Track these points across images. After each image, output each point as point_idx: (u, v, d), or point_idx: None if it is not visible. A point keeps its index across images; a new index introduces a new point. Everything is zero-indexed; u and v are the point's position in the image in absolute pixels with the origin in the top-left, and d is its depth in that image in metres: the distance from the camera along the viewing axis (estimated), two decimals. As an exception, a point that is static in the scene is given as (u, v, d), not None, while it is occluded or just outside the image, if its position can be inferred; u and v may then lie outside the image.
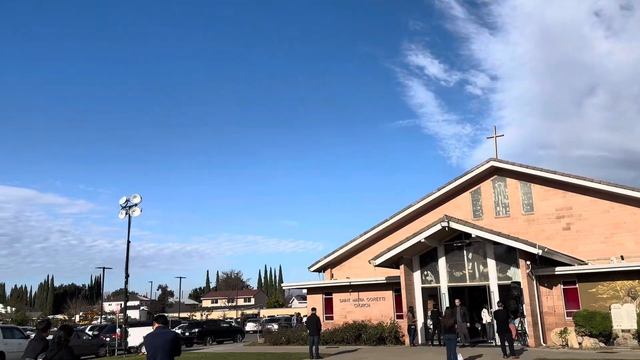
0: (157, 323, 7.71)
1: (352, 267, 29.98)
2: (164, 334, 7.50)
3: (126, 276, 27.25)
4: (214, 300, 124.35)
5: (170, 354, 7.38)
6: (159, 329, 7.60)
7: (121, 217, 27.00)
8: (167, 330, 7.67)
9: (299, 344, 25.77)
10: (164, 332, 7.53)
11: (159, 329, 7.58)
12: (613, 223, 23.71)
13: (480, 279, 22.36)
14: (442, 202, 27.96)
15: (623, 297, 20.01)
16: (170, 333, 7.63)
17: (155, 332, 7.56)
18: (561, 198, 25.09)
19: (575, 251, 23.79)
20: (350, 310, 26.64)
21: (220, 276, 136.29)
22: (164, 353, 7.32)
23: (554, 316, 21.23)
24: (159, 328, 7.60)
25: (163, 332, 7.53)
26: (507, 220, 26.01)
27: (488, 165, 26.57)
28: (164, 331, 7.56)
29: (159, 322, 7.73)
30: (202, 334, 33.99)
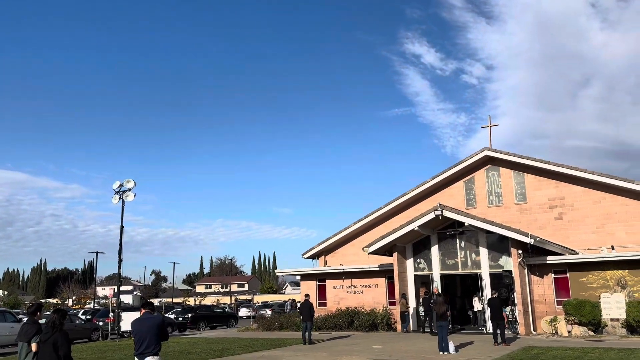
0: (144, 309, 7.79)
1: (346, 255, 30.14)
2: (150, 319, 7.57)
3: (119, 261, 27.29)
4: (208, 285, 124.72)
5: (157, 339, 7.46)
6: (146, 314, 7.67)
7: (115, 202, 26.97)
8: (154, 315, 7.74)
9: (292, 329, 25.96)
10: (150, 317, 7.60)
11: (145, 314, 7.66)
12: (604, 213, 23.91)
13: (473, 267, 22.54)
14: (436, 191, 28.06)
15: (613, 286, 20.25)
16: (156, 318, 7.69)
17: (142, 318, 7.63)
18: (554, 188, 25.24)
19: (567, 241, 23.99)
20: (343, 296, 26.83)
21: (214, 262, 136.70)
22: (151, 338, 7.39)
23: (544, 305, 21.46)
24: (146, 313, 7.68)
25: (149, 317, 7.59)
26: (500, 210, 26.17)
27: (482, 154, 26.65)
28: (150, 316, 7.63)
29: (146, 307, 7.82)
30: (195, 319, 34.14)
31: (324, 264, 30.72)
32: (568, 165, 24.81)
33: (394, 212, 28.94)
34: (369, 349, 17.06)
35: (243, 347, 18.94)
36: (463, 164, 27.17)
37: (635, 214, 23.22)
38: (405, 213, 28.09)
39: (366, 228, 29.69)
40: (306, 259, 31.63)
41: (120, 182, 27.05)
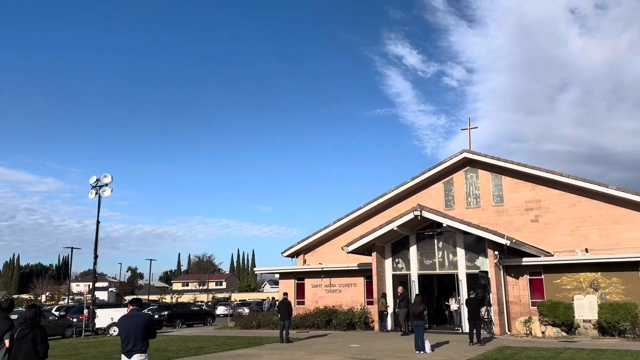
0: (132, 306, 7.68)
1: (325, 254, 30.18)
2: (138, 316, 7.47)
3: (95, 257, 26.89)
4: (185, 283, 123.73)
5: (144, 337, 7.35)
6: (134, 311, 7.57)
7: (91, 197, 26.57)
8: (142, 313, 7.64)
9: (269, 328, 25.90)
10: (138, 315, 7.50)
11: (133, 312, 7.55)
12: (579, 216, 24.37)
13: (450, 268, 22.76)
14: (415, 192, 28.28)
15: (586, 288, 20.65)
16: (144, 315, 7.60)
17: (129, 315, 7.52)
18: (530, 191, 25.64)
19: (542, 243, 24.40)
20: (321, 295, 26.86)
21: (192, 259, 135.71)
22: (138, 335, 7.29)
23: (519, 305, 21.79)
24: (134, 310, 7.57)
25: (137, 315, 7.49)
26: (477, 211, 26.49)
27: (461, 156, 26.94)
28: (138, 314, 7.53)
29: (134, 304, 7.71)
30: (171, 317, 33.82)
31: (303, 262, 30.72)
32: (545, 169, 25.22)
33: (374, 212, 29.09)
34: (346, 347, 17.11)
35: (220, 345, 18.83)
36: (442, 166, 27.43)
37: (608, 218, 23.73)
38: (384, 213, 28.26)
39: (346, 227, 29.78)
40: (285, 258, 31.61)
41: (97, 177, 26.64)
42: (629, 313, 18.76)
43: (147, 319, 7.50)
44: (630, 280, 19.90)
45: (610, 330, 19.16)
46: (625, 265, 20.04)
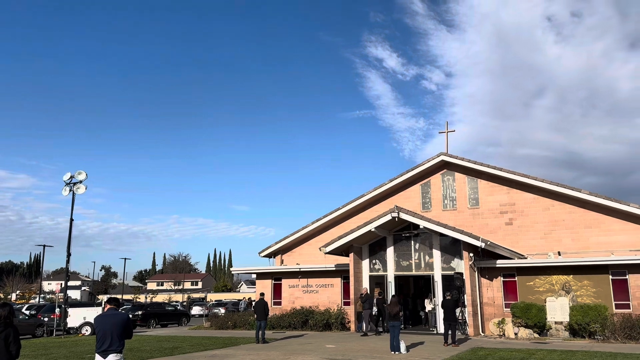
0: (109, 305, 7.56)
1: (303, 254, 30.18)
2: (114, 315, 7.35)
3: (68, 255, 26.39)
4: (160, 283, 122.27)
5: (120, 337, 7.24)
6: (110, 310, 7.45)
7: (65, 194, 26.09)
8: (119, 312, 7.52)
9: (245, 328, 25.78)
10: (114, 314, 7.38)
11: (110, 311, 7.43)
12: (552, 220, 24.85)
13: (426, 269, 22.97)
14: (393, 193, 28.48)
15: (558, 290, 21.05)
16: (121, 315, 7.48)
17: (106, 314, 7.40)
18: (505, 194, 26.05)
19: (516, 245, 24.80)
20: (298, 296, 26.83)
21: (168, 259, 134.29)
22: (114, 335, 7.18)
23: (493, 307, 22.10)
24: (110, 310, 7.45)
25: (114, 314, 7.38)
26: (454, 213, 26.80)
27: (438, 159, 27.22)
28: (114, 313, 7.41)
29: (111, 304, 7.59)
30: (145, 316, 33.39)
31: (281, 262, 30.66)
32: (520, 173, 25.65)
33: (352, 213, 29.20)
34: (322, 348, 17.12)
35: (194, 345, 18.66)
36: (420, 168, 27.68)
37: (581, 222, 24.25)
38: (363, 214, 28.40)
39: (324, 228, 29.83)
40: (263, 258, 31.52)
41: (72, 174, 26.18)
42: (599, 315, 19.18)
43: (124, 319, 7.40)
44: (601, 283, 20.36)
45: (581, 332, 19.57)
46: (596, 269, 20.50)
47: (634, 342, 17.88)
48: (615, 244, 23.25)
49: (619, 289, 20.08)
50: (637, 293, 19.70)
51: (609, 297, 20.11)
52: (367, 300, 21.95)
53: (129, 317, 7.62)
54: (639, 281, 19.75)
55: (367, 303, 21.93)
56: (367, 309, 21.84)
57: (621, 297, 19.98)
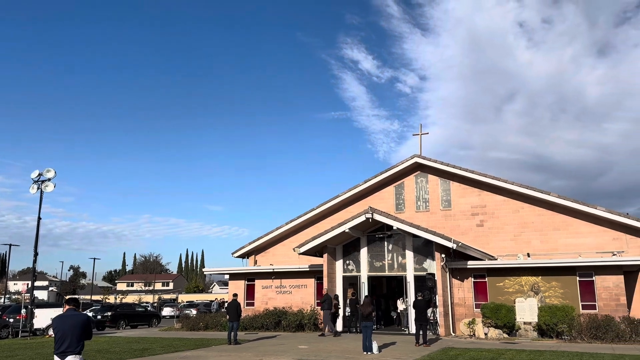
0: (68, 305, 7.37)
1: (277, 255, 30.08)
2: (74, 316, 7.18)
3: (35, 254, 25.76)
4: (130, 283, 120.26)
5: (79, 338, 7.08)
6: (70, 311, 7.27)
7: (32, 192, 25.46)
8: (78, 313, 7.34)
9: (217, 329, 25.54)
10: (74, 315, 7.20)
11: (69, 311, 7.25)
12: (522, 222, 25.34)
13: (399, 270, 23.14)
14: (367, 194, 28.64)
15: (527, 291, 21.46)
16: (80, 316, 7.30)
17: (65, 315, 7.22)
18: (477, 196, 26.46)
19: (487, 247, 25.21)
20: (272, 296, 26.72)
21: (138, 259, 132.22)
22: (73, 336, 7.02)
23: (463, 307, 22.40)
24: (70, 310, 7.28)
25: (73, 315, 7.20)
26: (426, 215, 27.09)
27: (412, 161, 27.49)
28: (74, 314, 7.24)
29: (70, 304, 7.40)
30: (115, 317, 32.82)
31: (254, 263, 30.50)
32: (491, 175, 26.09)
33: (326, 213, 29.24)
34: (294, 349, 17.08)
35: (165, 346, 18.39)
36: (394, 170, 27.90)
37: (549, 224, 24.80)
38: (337, 215, 28.47)
39: (298, 228, 29.79)
40: (236, 258, 31.31)
41: (40, 171, 25.56)
42: (566, 316, 19.62)
43: (83, 320, 7.23)
44: (569, 284, 20.84)
45: (548, 332, 19.99)
46: (564, 270, 20.97)
47: (599, 342, 18.35)
48: (583, 246, 23.85)
49: (586, 290, 20.59)
50: (603, 294, 20.23)
51: (576, 298, 20.60)
52: (326, 300, 22.00)
53: (88, 318, 7.46)
54: (605, 282, 20.28)
55: (325, 304, 21.95)
56: (326, 309, 21.89)
57: (588, 298, 20.49)
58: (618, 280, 20.19)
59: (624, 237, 23.38)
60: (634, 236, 23.17)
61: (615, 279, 20.21)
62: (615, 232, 23.54)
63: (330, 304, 22.11)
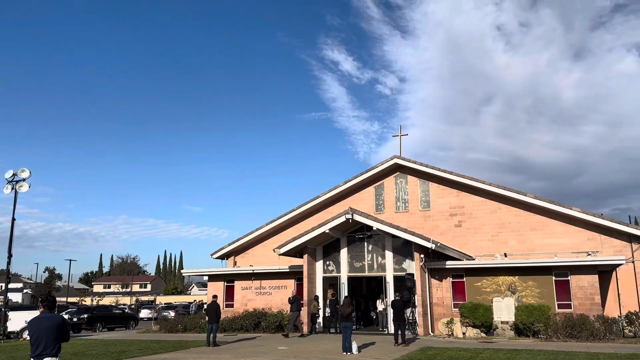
0: (43, 306, 7.19)
1: (256, 255, 29.96)
2: (49, 318, 7.01)
3: (9, 256, 25.17)
4: (107, 285, 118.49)
5: (55, 340, 6.92)
6: (45, 313, 7.09)
7: (6, 192, 24.90)
8: (54, 315, 7.17)
9: (196, 331, 25.30)
10: (49, 317, 7.03)
11: (44, 313, 7.08)
12: (499, 223, 25.68)
13: (378, 270, 23.24)
14: (347, 195, 28.71)
15: (504, 291, 21.74)
16: (56, 318, 7.13)
17: (40, 317, 7.05)
18: (455, 197, 26.72)
19: (465, 247, 25.48)
20: (251, 298, 26.58)
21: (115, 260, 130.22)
22: (49, 339, 6.85)
23: (442, 307, 22.59)
24: (45, 312, 7.10)
25: (48, 317, 7.03)
26: (406, 215, 27.27)
27: (392, 162, 27.64)
28: (49, 315, 7.06)
29: (45, 305, 7.21)
30: (91, 320, 32.32)
31: (234, 264, 30.32)
32: (469, 176, 26.38)
33: (307, 214, 29.23)
34: (274, 350, 17.01)
35: (142, 349, 18.15)
36: (374, 170, 28.02)
37: (526, 224, 25.17)
38: (317, 215, 28.48)
39: (278, 229, 29.71)
40: (215, 259, 31.07)
41: (14, 171, 25.01)
42: (542, 315, 19.93)
43: (59, 321, 7.06)
44: (545, 284, 21.18)
45: (525, 331, 20.27)
46: (540, 270, 21.30)
47: (574, 341, 18.68)
48: (559, 246, 24.26)
49: (562, 289, 20.95)
50: (579, 293, 20.61)
51: (552, 297, 20.94)
52: (295, 302, 21.96)
53: (64, 319, 7.28)
54: (580, 282, 20.66)
55: (294, 305, 21.92)
56: (295, 310, 21.86)
57: (563, 298, 20.84)
58: (593, 280, 20.58)
59: (598, 237, 23.86)
60: (608, 236, 23.66)
61: (590, 278, 20.60)
62: (590, 232, 24.01)
63: (298, 305, 22.07)
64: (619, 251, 23.16)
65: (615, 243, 23.52)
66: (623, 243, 23.40)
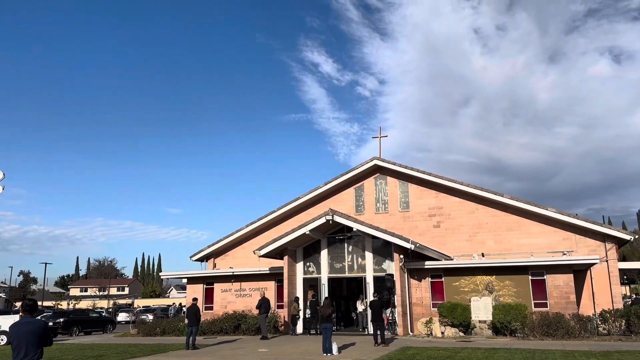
0: (23, 311, 7.06)
1: (236, 257, 29.82)
2: (30, 323, 6.88)
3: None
4: (84, 288, 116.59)
5: (36, 345, 6.79)
6: (26, 317, 6.96)
7: (-21, 195, 24.30)
8: (35, 319, 7.04)
9: (175, 334, 25.07)
10: (30, 321, 6.90)
11: (25, 318, 6.95)
12: (477, 223, 26.01)
13: (358, 271, 23.34)
14: (328, 196, 28.76)
15: (482, 290, 22.02)
16: (37, 322, 7.01)
17: (21, 322, 6.91)
18: (434, 198, 26.98)
19: (443, 247, 25.74)
20: (231, 300, 26.45)
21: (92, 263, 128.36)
22: (30, 344, 6.72)
23: (421, 307, 22.79)
24: (26, 317, 6.97)
25: (29, 321, 6.90)
26: (385, 216, 27.43)
27: (372, 163, 27.79)
28: (30, 320, 6.93)
29: (25, 310, 7.09)
30: (67, 324, 31.75)
31: (213, 266, 30.12)
32: (447, 178, 26.66)
33: (287, 215, 29.20)
34: (254, 352, 16.95)
35: (120, 353, 17.92)
36: (354, 172, 28.13)
37: (502, 225, 25.54)
38: (297, 217, 28.46)
39: (258, 231, 29.62)
40: (194, 262, 30.84)
41: (-13, 173, 24.43)
42: (519, 314, 20.24)
43: (40, 325, 6.94)
44: (521, 283, 21.51)
45: (503, 330, 20.56)
46: (517, 269, 21.63)
47: (550, 339, 19.01)
48: (535, 245, 24.67)
49: (538, 288, 21.30)
50: (554, 292, 20.98)
51: (528, 296, 21.27)
52: (263, 304, 21.88)
53: (46, 323, 7.16)
54: (555, 281, 21.03)
55: (262, 307, 21.84)
56: (263, 313, 21.81)
57: (539, 297, 21.19)
58: (568, 279, 20.97)
59: (573, 237, 24.32)
60: (583, 236, 24.14)
61: (565, 277, 20.98)
62: (565, 232, 24.46)
63: (267, 307, 21.98)
64: (593, 250, 23.65)
65: (589, 242, 24.00)
66: (597, 242, 23.90)
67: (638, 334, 18.92)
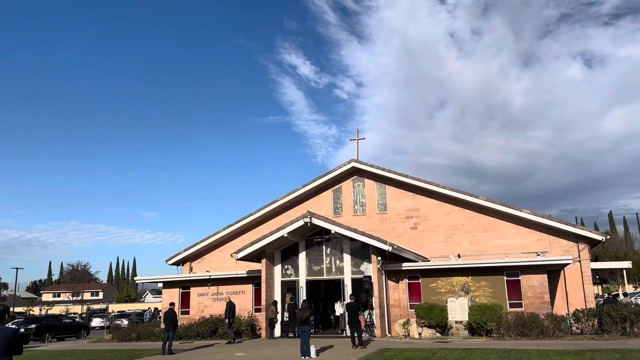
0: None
1: (213, 261, 29.55)
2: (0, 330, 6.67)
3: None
4: (56, 294, 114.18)
5: (6, 354, 6.59)
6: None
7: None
8: (4, 327, 6.83)
9: (150, 340, 24.70)
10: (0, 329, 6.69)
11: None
12: (453, 225, 26.28)
13: (337, 273, 23.35)
14: (306, 199, 28.72)
15: (458, 291, 22.24)
16: (7, 330, 6.79)
17: None
18: (411, 200, 27.18)
19: (420, 249, 25.93)
20: (208, 304, 26.18)
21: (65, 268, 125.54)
22: (0, 352, 6.52)
23: (399, 308, 22.90)
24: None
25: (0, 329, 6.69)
26: (363, 218, 27.51)
27: (349, 165, 27.86)
28: (0, 327, 6.72)
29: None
30: (40, 330, 31.00)
31: (190, 270, 29.79)
32: (424, 180, 26.88)
33: (265, 218, 29.05)
34: (231, 356, 16.80)
35: (95, 359, 17.58)
36: (332, 174, 28.16)
37: (478, 226, 25.85)
38: (275, 220, 28.34)
39: (236, 234, 29.41)
40: (171, 266, 30.46)
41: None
42: (495, 314, 20.50)
43: (10, 333, 6.73)
44: (497, 284, 21.79)
45: (479, 330, 20.79)
46: (492, 270, 21.91)
47: (526, 339, 19.29)
48: (510, 246, 25.03)
49: (513, 289, 21.61)
50: (529, 293, 21.30)
51: (503, 296, 21.56)
52: (231, 309, 21.76)
53: (16, 331, 6.95)
54: (530, 282, 21.36)
55: (230, 312, 21.70)
56: (231, 317, 21.68)
57: (515, 297, 21.50)
58: (542, 279, 21.32)
59: (547, 238, 24.74)
60: (557, 237, 24.57)
61: (539, 278, 21.33)
62: (539, 233, 24.87)
63: (233, 312, 21.84)
64: (566, 251, 24.09)
65: (562, 243, 24.45)
66: (570, 243, 24.36)
67: (610, 332, 19.32)
